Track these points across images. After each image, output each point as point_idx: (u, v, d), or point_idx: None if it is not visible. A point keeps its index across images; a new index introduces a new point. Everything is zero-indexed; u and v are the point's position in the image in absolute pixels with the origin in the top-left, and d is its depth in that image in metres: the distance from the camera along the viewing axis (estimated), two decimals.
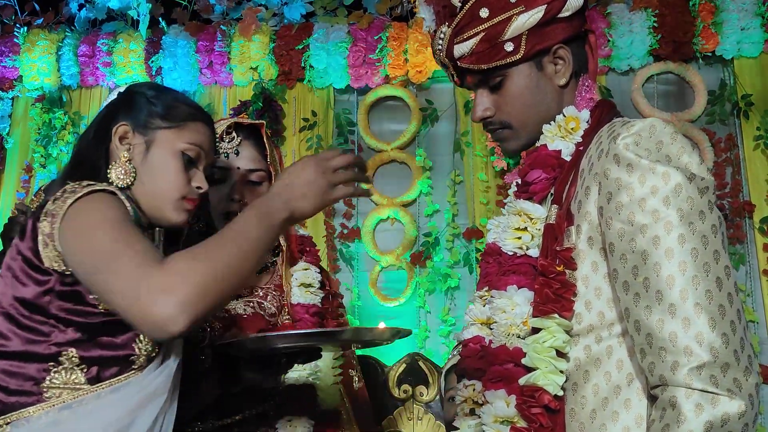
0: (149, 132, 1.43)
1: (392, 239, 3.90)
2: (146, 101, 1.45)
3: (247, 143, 1.88)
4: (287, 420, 1.80)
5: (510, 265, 1.34)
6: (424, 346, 3.65)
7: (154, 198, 1.41)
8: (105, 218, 1.25)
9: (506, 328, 1.30)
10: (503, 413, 1.26)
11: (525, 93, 1.39)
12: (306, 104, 4.04)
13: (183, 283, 1.15)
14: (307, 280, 1.94)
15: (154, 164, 1.41)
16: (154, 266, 1.17)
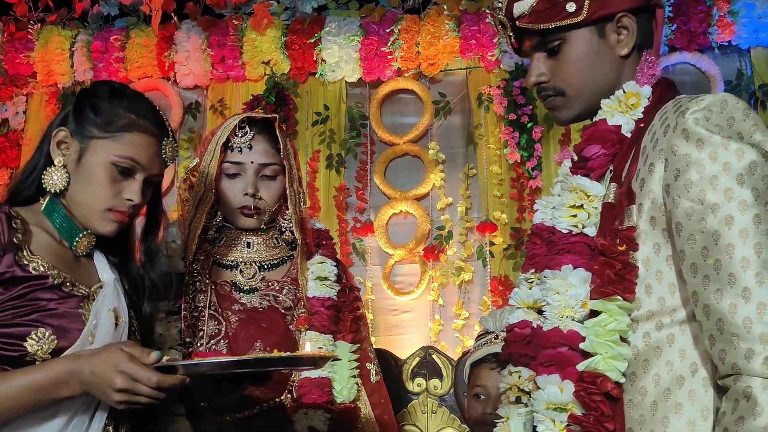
0: (85, 140, 1.42)
1: (405, 233, 3.88)
2: (90, 107, 1.44)
3: (261, 137, 1.87)
4: (303, 412, 1.80)
5: (564, 244, 1.27)
6: (437, 340, 3.64)
7: (81, 207, 1.43)
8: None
9: (560, 310, 1.23)
10: (557, 399, 1.20)
11: (583, 59, 1.32)
12: (318, 98, 4.03)
13: None
14: (323, 274, 1.93)
15: (84, 173, 1.41)
16: None
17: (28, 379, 1.25)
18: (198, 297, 1.83)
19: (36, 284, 1.34)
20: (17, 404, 1.24)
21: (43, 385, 1.24)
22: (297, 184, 1.92)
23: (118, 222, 1.44)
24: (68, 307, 1.36)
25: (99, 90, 1.48)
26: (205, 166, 1.87)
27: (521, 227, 3.74)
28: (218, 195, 1.87)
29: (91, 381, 1.25)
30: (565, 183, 1.33)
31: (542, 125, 3.81)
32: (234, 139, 1.86)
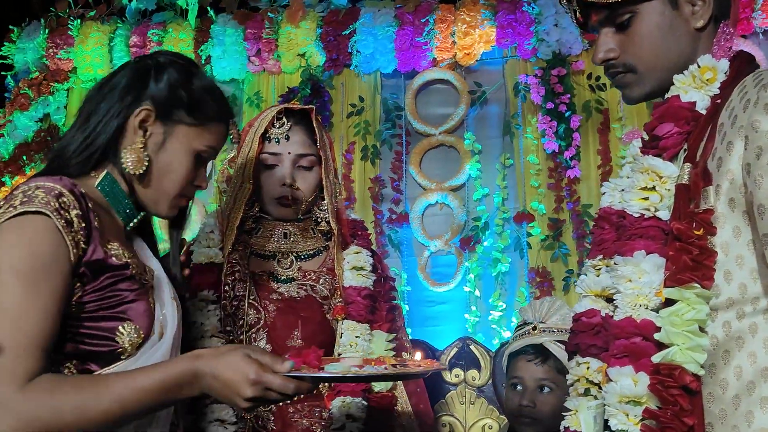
0: (170, 124, 1.34)
1: (441, 224, 3.88)
2: (174, 85, 1.34)
3: (298, 128, 1.88)
4: (341, 400, 1.81)
5: (636, 229, 1.19)
6: (474, 331, 3.63)
7: (154, 191, 1.36)
8: (16, 266, 1.15)
9: (632, 299, 1.16)
10: (631, 392, 1.14)
11: (655, 33, 1.24)
12: (353, 90, 4.04)
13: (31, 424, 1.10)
14: (359, 264, 1.93)
15: (167, 158, 1.34)
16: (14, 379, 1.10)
17: (155, 380, 1.18)
18: (237, 287, 1.85)
19: (118, 274, 1.26)
20: (144, 405, 1.18)
21: (170, 386, 1.18)
22: (333, 175, 1.93)
23: (183, 207, 1.43)
24: (141, 298, 1.29)
25: (178, 63, 1.38)
26: (242, 158, 1.88)
27: (559, 218, 3.71)
28: (256, 186, 1.88)
29: (213, 386, 1.19)
30: (635, 164, 1.25)
31: (580, 114, 3.77)
32: (271, 130, 1.87)
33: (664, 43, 1.25)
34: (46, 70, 4.32)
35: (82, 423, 1.13)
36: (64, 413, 1.12)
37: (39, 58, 4.29)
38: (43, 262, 1.16)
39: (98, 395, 1.15)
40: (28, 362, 1.13)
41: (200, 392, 1.22)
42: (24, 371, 1.12)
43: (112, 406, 1.15)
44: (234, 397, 1.19)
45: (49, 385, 1.13)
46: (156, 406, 1.21)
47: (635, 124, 3.73)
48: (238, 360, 1.19)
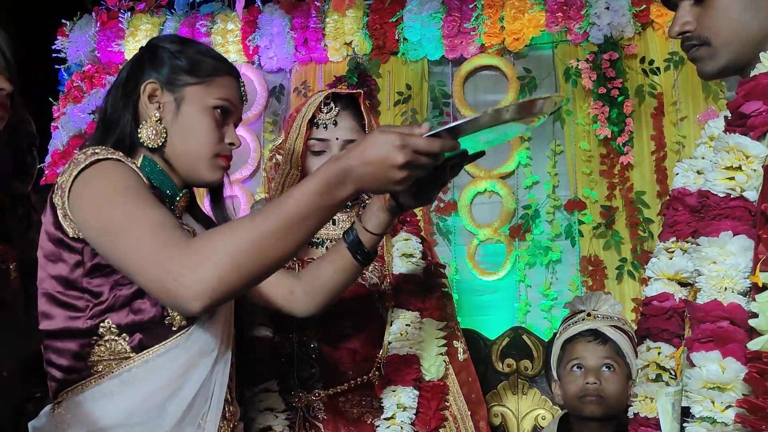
0: (177, 89, 1.36)
1: (490, 212, 3.82)
2: (170, 56, 1.37)
3: (346, 113, 1.85)
4: (391, 389, 1.79)
5: (721, 209, 1.15)
6: (524, 321, 3.58)
7: (187, 158, 1.37)
8: (114, 190, 1.20)
9: (718, 281, 1.11)
10: (717, 378, 1.09)
11: (733, 7, 1.21)
12: (400, 78, 4.00)
13: (208, 260, 1.11)
14: (408, 250, 1.91)
15: (186, 123, 1.36)
16: (177, 243, 1.14)
17: (306, 189, 1.16)
18: None
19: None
20: (304, 216, 1.15)
21: (321, 189, 1.16)
22: None
23: (225, 168, 1.42)
24: None
25: (169, 38, 1.43)
26: (290, 144, 1.86)
27: (611, 205, 3.62)
28: (303, 172, 1.86)
29: (365, 172, 1.16)
30: (718, 143, 1.20)
31: (633, 99, 3.67)
32: (319, 116, 1.84)
33: (742, 17, 1.21)
34: (97, 62, 4.39)
35: (264, 237, 1.13)
36: (244, 233, 1.13)
37: (91, 51, 4.36)
38: (133, 182, 1.22)
39: (264, 213, 1.16)
40: (181, 232, 1.17)
41: (354, 189, 1.18)
42: (180, 236, 1.15)
43: (281, 216, 1.14)
44: (388, 171, 1.15)
45: (216, 229, 1.17)
46: (314, 215, 1.17)
47: (690, 108, 3.62)
48: (376, 136, 1.17)
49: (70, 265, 1.24)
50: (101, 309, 1.24)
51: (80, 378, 1.25)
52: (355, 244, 1.52)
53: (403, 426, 1.74)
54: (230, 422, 1.35)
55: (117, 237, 1.17)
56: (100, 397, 1.23)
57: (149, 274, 1.14)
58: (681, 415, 1.19)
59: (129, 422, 1.21)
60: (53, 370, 1.28)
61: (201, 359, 1.29)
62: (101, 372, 1.24)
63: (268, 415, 1.72)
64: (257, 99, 4.12)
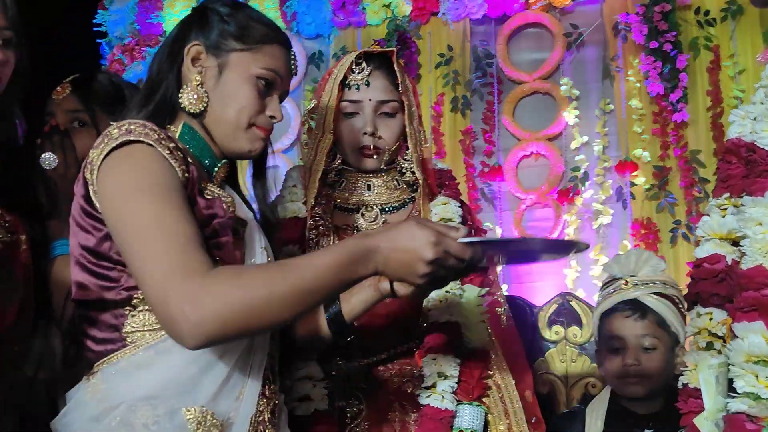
0: (222, 54, 1.31)
1: (537, 176, 3.73)
2: (219, 19, 1.32)
3: (378, 73, 1.78)
4: (431, 358, 1.73)
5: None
6: (574, 287, 3.49)
7: (226, 125, 1.32)
8: (139, 187, 1.15)
9: (763, 245, 1.06)
10: (761, 351, 1.03)
11: None
12: (441, 39, 3.90)
13: (216, 305, 1.08)
14: (447, 215, 1.83)
15: (227, 89, 1.31)
16: (193, 272, 1.09)
17: (328, 259, 1.15)
18: (321, 241, 1.79)
19: (212, 213, 1.23)
20: (320, 286, 1.14)
21: (344, 263, 1.15)
22: (417, 122, 1.82)
23: (264, 139, 1.37)
24: (231, 241, 1.25)
25: (221, 1, 1.36)
26: (322, 107, 1.80)
27: (665, 165, 3.49)
28: (337, 136, 1.80)
29: (391, 257, 1.17)
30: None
31: (687, 53, 3.50)
32: (351, 77, 1.78)
33: None
34: (137, 35, 4.39)
35: (273, 298, 1.10)
36: (256, 287, 1.10)
37: (130, 23, 4.36)
38: (161, 179, 1.17)
39: (282, 272, 1.14)
40: (199, 256, 1.12)
41: (374, 270, 1.18)
42: (199, 262, 1.11)
43: (296, 281, 1.12)
44: (415, 263, 1.16)
45: (232, 270, 1.14)
46: (331, 287, 1.16)
47: (749, 59, 3.44)
48: (413, 227, 1.18)
49: (97, 237, 1.21)
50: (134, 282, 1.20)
51: (115, 349, 1.22)
52: (334, 314, 1.49)
53: (444, 395, 1.68)
54: (270, 400, 1.31)
55: (133, 239, 1.13)
56: (135, 368, 1.20)
57: (156, 292, 1.10)
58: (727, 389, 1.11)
59: (164, 393, 1.18)
60: (88, 341, 1.26)
61: None
62: (136, 343, 1.21)
63: (306, 383, 1.68)
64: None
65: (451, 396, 1.69)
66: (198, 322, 1.07)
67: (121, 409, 1.17)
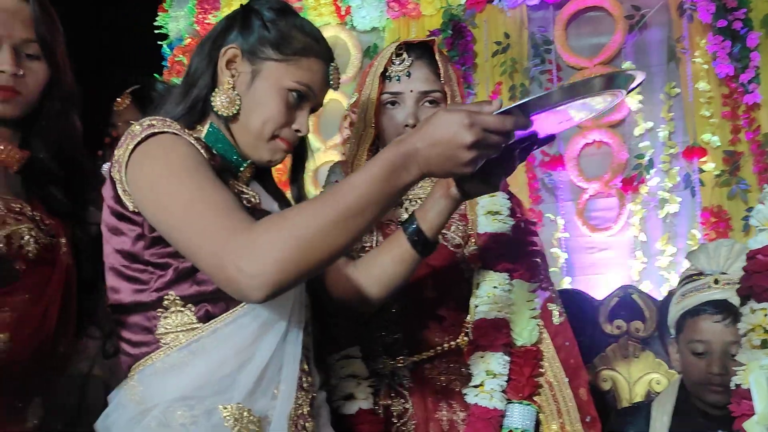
0: (258, 61, 1.29)
1: (599, 164, 3.61)
2: (261, 24, 1.29)
3: (419, 63, 1.73)
4: (479, 356, 1.68)
5: None
6: (640, 279, 3.36)
7: (249, 134, 1.30)
8: (171, 168, 1.15)
9: None
10: None
11: None
12: (497, 27, 3.82)
13: (269, 251, 1.05)
14: (494, 208, 1.77)
15: (256, 97, 1.29)
16: (238, 229, 1.08)
17: (369, 176, 1.10)
18: (365, 238, 1.76)
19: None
20: (368, 202, 1.09)
21: (385, 174, 1.09)
22: None
23: (286, 151, 1.34)
24: None
25: (269, 4, 1.34)
26: (363, 100, 1.77)
27: (736, 150, 3.33)
28: (379, 129, 1.77)
29: (432, 153, 1.09)
30: None
31: (759, 30, 3.32)
32: (391, 68, 1.74)
33: None
34: (197, 35, 4.45)
35: (324, 228, 1.07)
36: (305, 223, 1.08)
37: (190, 24, 4.43)
38: (191, 158, 1.17)
39: (325, 201, 1.10)
40: (241, 214, 1.11)
41: (419, 174, 1.11)
42: (242, 220, 1.10)
43: (341, 206, 1.08)
44: (456, 151, 1.08)
45: (276, 216, 1.11)
46: (378, 201, 1.10)
47: None
48: (443, 116, 1.10)
49: (131, 238, 1.22)
50: (165, 281, 1.21)
51: (150, 351, 1.23)
52: (415, 233, 1.41)
53: (493, 394, 1.63)
54: (308, 393, 1.29)
55: (176, 219, 1.13)
56: (170, 368, 1.21)
57: (210, 260, 1.10)
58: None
59: (200, 393, 1.18)
60: (125, 345, 1.28)
61: (271, 327, 1.24)
62: (170, 344, 1.22)
63: (350, 382, 1.66)
64: (351, 61, 4.05)
65: (500, 395, 1.64)
66: (257, 274, 1.05)
67: (159, 410, 1.17)
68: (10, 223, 1.32)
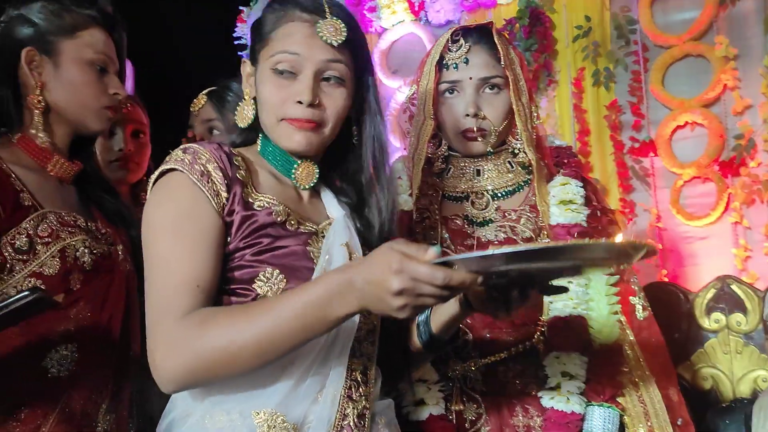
0: (255, 63, 1.28)
1: (694, 147, 3.37)
2: (251, 28, 1.32)
3: (478, 49, 1.65)
4: (555, 356, 1.57)
5: None
6: (744, 269, 3.12)
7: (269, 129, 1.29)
8: (161, 221, 1.18)
9: None
10: None
11: None
12: (577, 10, 3.64)
13: (180, 355, 1.09)
14: (566, 197, 1.67)
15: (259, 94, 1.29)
16: (174, 315, 1.10)
17: (302, 295, 1.08)
18: (428, 234, 1.68)
19: (261, 222, 1.21)
20: (296, 325, 1.08)
21: (318, 299, 1.07)
22: (526, 97, 1.66)
23: (297, 129, 1.24)
24: (295, 245, 1.23)
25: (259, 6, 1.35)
26: (422, 91, 1.70)
27: None
28: (438, 121, 1.69)
29: (366, 290, 1.05)
30: None
31: None
32: (448, 56, 1.66)
33: None
34: None
35: (235, 348, 1.08)
36: (218, 337, 1.09)
37: None
38: (185, 211, 1.17)
39: (248, 315, 1.10)
40: (183, 299, 1.12)
41: (358, 307, 1.07)
42: (179, 306, 1.12)
43: (258, 330, 1.08)
44: (383, 295, 1.03)
45: (202, 315, 1.12)
46: (309, 326, 1.09)
47: None
48: (379, 253, 1.05)
49: None
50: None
51: None
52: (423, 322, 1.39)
53: (570, 396, 1.53)
54: (358, 404, 1.23)
55: (148, 269, 1.17)
56: None
57: (150, 328, 1.14)
58: None
59: (236, 398, 1.17)
60: None
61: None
62: None
63: (420, 386, 1.59)
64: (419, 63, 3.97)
65: (578, 397, 1.53)
66: (166, 371, 1.09)
67: (197, 414, 1.17)
68: (63, 237, 1.35)
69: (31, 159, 1.41)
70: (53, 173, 1.43)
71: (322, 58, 1.23)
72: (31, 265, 1.32)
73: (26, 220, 1.33)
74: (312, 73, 1.23)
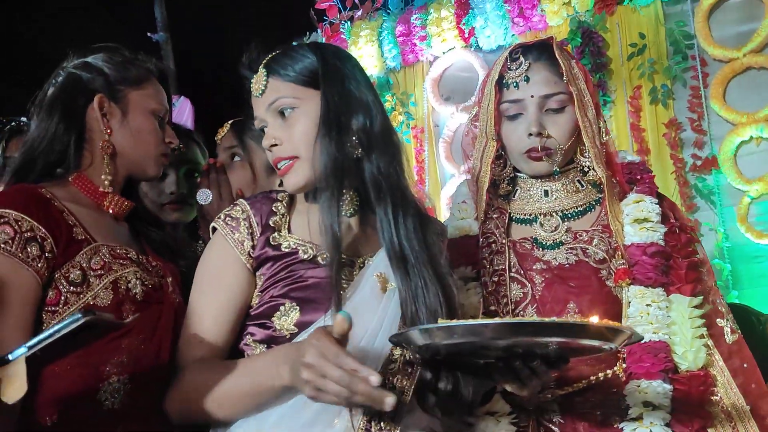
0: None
1: (761, 162, 3.27)
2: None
3: (538, 66, 1.60)
4: (635, 385, 1.48)
5: None
6: None
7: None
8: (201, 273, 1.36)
9: None
10: None
11: None
12: (631, 28, 3.60)
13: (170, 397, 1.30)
14: (641, 215, 1.59)
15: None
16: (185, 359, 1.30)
17: (248, 365, 1.24)
18: (496, 259, 1.62)
19: (288, 261, 1.31)
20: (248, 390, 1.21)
21: (259, 369, 1.21)
22: (592, 113, 1.60)
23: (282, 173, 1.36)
24: (319, 277, 1.29)
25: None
26: (483, 113, 1.66)
27: None
28: (502, 141, 1.64)
29: (295, 364, 1.12)
30: None
31: None
32: (508, 74, 1.61)
33: None
34: None
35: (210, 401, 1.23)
36: (187, 391, 1.27)
37: None
38: (213, 270, 1.35)
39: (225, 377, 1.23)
40: (194, 350, 1.30)
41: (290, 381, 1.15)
42: (188, 357, 1.31)
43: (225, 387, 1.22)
44: (299, 367, 1.10)
45: (192, 366, 1.28)
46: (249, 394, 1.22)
47: None
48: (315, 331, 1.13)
49: None
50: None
51: None
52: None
53: (653, 429, 1.43)
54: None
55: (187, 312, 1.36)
56: None
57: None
58: None
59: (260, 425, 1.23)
60: None
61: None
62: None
63: (488, 420, 1.51)
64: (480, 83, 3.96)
65: (662, 429, 1.44)
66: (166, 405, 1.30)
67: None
68: (115, 269, 1.39)
69: (87, 197, 1.45)
70: (109, 210, 1.47)
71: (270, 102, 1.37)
72: (85, 297, 1.35)
73: (80, 253, 1.35)
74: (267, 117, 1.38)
